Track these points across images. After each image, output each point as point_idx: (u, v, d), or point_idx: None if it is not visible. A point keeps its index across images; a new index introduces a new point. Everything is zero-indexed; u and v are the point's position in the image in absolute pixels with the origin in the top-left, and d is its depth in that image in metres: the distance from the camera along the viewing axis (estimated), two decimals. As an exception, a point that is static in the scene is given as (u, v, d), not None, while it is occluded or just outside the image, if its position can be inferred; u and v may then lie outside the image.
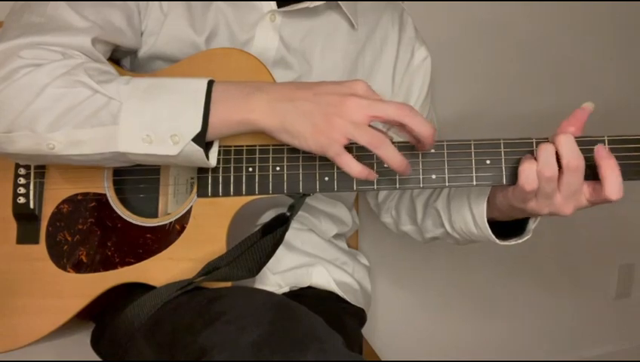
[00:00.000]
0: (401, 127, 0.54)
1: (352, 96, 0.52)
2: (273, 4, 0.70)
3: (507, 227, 0.66)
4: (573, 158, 0.53)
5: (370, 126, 0.53)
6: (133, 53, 0.70)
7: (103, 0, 0.62)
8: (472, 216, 0.66)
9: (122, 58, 0.71)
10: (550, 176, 0.53)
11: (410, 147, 0.58)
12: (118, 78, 0.56)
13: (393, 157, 0.53)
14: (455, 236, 0.72)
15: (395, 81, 0.78)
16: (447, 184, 0.57)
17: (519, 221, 0.65)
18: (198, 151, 0.54)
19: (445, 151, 0.57)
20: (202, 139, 0.54)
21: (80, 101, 0.53)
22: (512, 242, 0.65)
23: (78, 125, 0.53)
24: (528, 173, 0.54)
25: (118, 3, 0.64)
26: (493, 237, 0.65)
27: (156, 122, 0.53)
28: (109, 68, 0.59)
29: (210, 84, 0.55)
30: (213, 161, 0.58)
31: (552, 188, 0.54)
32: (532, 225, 0.64)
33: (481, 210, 0.64)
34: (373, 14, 0.77)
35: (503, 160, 0.56)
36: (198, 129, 0.53)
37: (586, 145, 0.54)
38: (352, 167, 0.53)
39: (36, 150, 0.54)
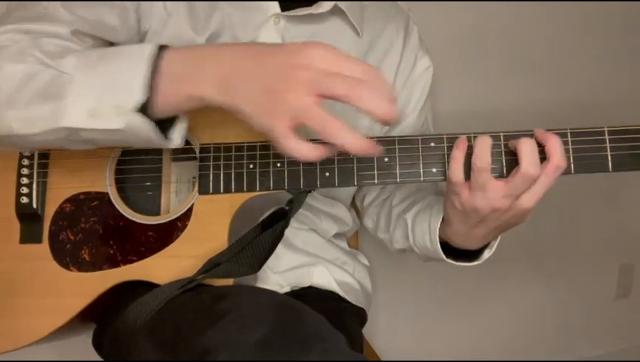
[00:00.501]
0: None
1: (303, 69, 0.44)
2: (276, 7, 0.70)
3: (465, 255, 0.66)
4: (531, 167, 0.52)
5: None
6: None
7: (96, 0, 0.62)
8: (429, 230, 0.66)
9: None
10: (482, 167, 0.53)
11: (411, 140, 0.57)
12: (76, 52, 0.53)
13: (351, 143, 0.44)
14: (416, 250, 0.72)
15: (395, 89, 0.77)
16: (446, 178, 0.57)
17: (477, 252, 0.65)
18: (144, 124, 0.48)
19: (445, 144, 0.56)
20: (148, 111, 0.49)
21: (31, 76, 0.50)
22: (461, 263, 0.66)
23: (30, 101, 0.50)
24: (453, 164, 0.55)
25: (113, 3, 0.63)
26: (440, 251, 0.65)
27: (100, 93, 0.49)
28: (76, 47, 0.57)
29: (160, 49, 0.50)
30: (176, 139, 0.53)
31: (484, 179, 0.54)
32: (487, 254, 0.65)
33: (436, 223, 0.64)
34: (380, 21, 0.77)
35: (502, 152, 0.55)
36: (138, 97, 0.47)
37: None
38: (299, 150, 0.45)
39: (1, 131, 0.52)
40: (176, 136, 0.53)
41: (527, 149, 0.52)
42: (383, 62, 0.76)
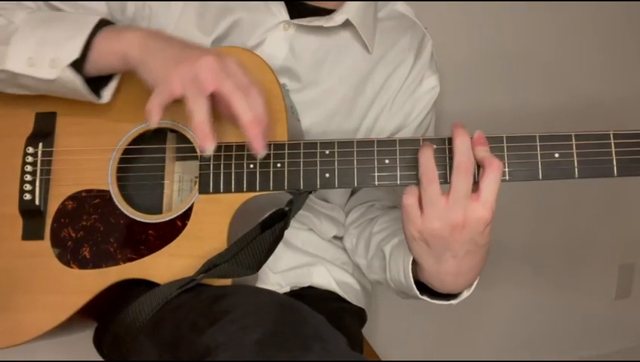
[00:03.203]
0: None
1: (209, 58, 0.52)
2: (284, 13, 0.68)
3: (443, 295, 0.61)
4: (464, 158, 0.50)
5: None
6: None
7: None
8: (402, 264, 0.61)
9: None
10: (429, 180, 0.51)
11: (413, 141, 0.56)
12: (28, 8, 0.60)
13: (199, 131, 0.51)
14: (391, 285, 0.67)
15: (396, 102, 0.74)
16: (448, 180, 0.55)
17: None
18: (76, 78, 0.56)
19: (447, 146, 0.54)
20: (81, 69, 0.56)
21: None
22: (436, 301, 0.60)
23: None
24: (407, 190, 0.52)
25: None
26: (414, 287, 0.60)
27: (41, 46, 0.56)
28: (32, 5, 0.63)
29: (104, 23, 0.57)
30: (105, 96, 0.60)
31: (434, 192, 0.50)
32: (465, 294, 0.60)
33: (409, 258, 0.59)
34: (393, 36, 0.74)
35: (505, 155, 0.53)
36: (75, 55, 0.55)
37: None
38: (153, 105, 0.52)
39: None
40: (106, 94, 0.61)
41: (457, 142, 0.50)
42: (389, 78, 0.73)
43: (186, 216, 0.60)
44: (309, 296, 0.72)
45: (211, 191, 0.59)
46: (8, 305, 0.62)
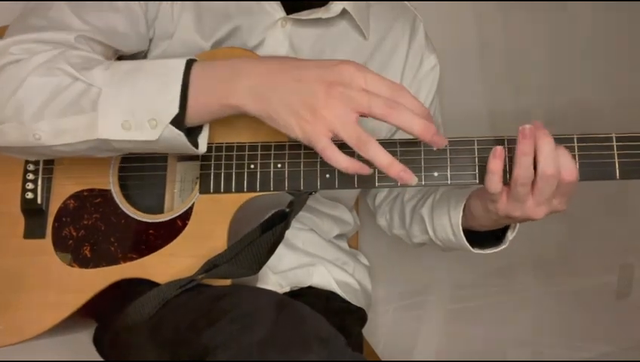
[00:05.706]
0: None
1: (340, 85, 0.46)
2: (280, 10, 0.67)
3: (486, 238, 0.64)
4: (549, 166, 0.49)
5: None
6: (142, 55, 0.68)
7: (104, 0, 0.60)
8: (449, 224, 0.64)
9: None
10: (525, 183, 0.50)
11: (413, 143, 0.55)
12: (100, 64, 0.52)
13: (379, 158, 0.47)
14: (438, 243, 0.70)
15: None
16: (449, 182, 0.54)
17: (498, 232, 0.63)
18: (179, 135, 0.50)
19: (448, 148, 0.54)
20: (182, 123, 0.50)
21: (61, 89, 0.50)
22: (488, 251, 0.64)
23: (60, 114, 0.50)
24: (491, 177, 0.51)
25: (122, 6, 0.61)
26: (467, 245, 0.63)
27: (134, 107, 0.49)
28: (96, 56, 0.56)
29: (190, 63, 0.50)
30: (202, 147, 0.53)
31: (525, 192, 0.51)
32: (510, 236, 0.62)
33: (457, 217, 0.62)
34: (386, 21, 0.74)
35: (506, 158, 0.52)
36: (175, 111, 0.49)
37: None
38: (340, 161, 0.48)
39: (24, 141, 0.52)
40: (202, 142, 0.54)
41: (543, 149, 0.49)
42: (388, 63, 0.74)
43: (186, 215, 0.60)
44: (309, 296, 0.72)
45: (212, 191, 0.59)
46: (9, 303, 0.62)
